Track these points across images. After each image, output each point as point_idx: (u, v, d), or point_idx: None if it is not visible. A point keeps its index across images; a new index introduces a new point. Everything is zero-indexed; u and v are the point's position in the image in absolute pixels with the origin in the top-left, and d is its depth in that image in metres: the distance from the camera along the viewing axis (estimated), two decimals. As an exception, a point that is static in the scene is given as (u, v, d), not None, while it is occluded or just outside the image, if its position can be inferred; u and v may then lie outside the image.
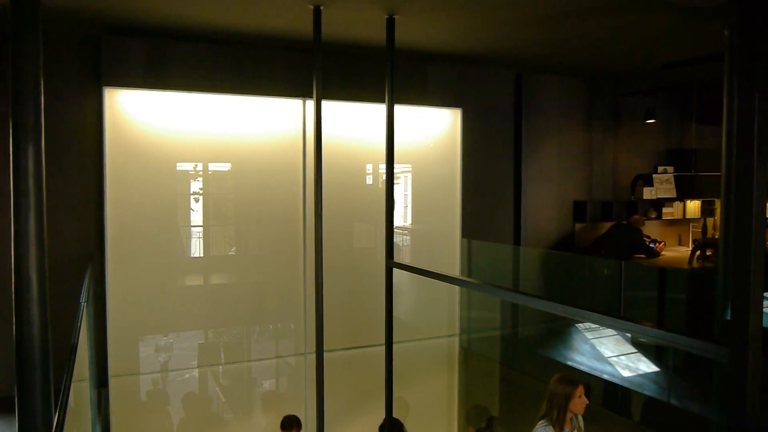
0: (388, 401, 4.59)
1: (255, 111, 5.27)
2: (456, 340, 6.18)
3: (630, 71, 7.05)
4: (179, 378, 5.18)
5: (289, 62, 5.40)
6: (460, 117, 6.06)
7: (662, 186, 7.96)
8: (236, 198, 5.30)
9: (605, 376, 4.82)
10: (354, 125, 5.61)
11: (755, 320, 1.80)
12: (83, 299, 3.67)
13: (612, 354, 4.96)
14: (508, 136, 6.72)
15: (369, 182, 5.76)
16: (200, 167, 5.20)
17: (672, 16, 4.64)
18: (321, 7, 4.23)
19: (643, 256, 7.29)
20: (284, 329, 5.51)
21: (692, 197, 8.18)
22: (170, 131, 5.00)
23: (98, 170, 4.80)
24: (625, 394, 4.80)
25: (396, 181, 5.85)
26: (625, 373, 4.79)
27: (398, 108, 4.94)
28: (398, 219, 5.97)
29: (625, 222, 7.48)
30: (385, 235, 4.54)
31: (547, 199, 7.05)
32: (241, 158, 5.25)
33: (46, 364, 1.66)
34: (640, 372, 4.76)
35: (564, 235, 7.22)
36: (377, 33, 4.57)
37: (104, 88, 4.75)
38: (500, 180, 6.68)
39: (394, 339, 4.50)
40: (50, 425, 1.67)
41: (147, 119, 4.92)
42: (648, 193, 7.83)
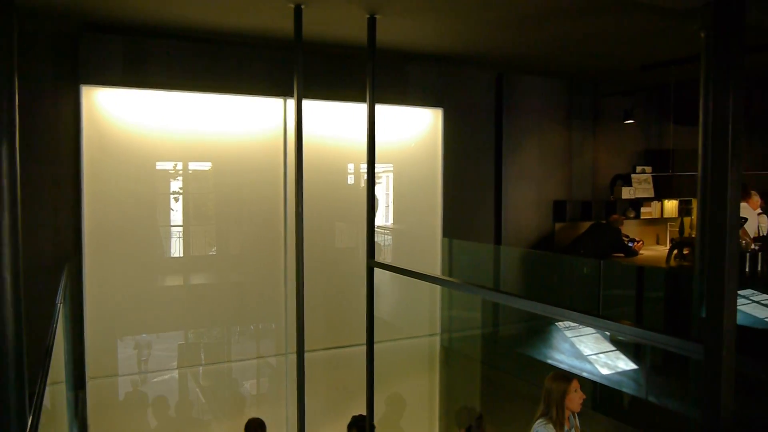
0: (369, 401, 4.59)
1: (235, 110, 5.23)
2: (437, 340, 6.20)
3: (609, 72, 7.13)
4: (159, 379, 5.13)
5: (270, 61, 5.37)
6: (441, 117, 6.08)
7: (640, 186, 8.06)
8: (217, 197, 5.26)
9: (584, 374, 4.86)
10: (335, 125, 5.60)
11: (729, 318, 1.83)
12: (59, 300, 3.62)
13: (591, 352, 5.01)
14: (489, 136, 6.76)
15: (350, 182, 5.76)
16: (180, 166, 5.15)
17: (650, 19, 4.70)
18: (302, 6, 4.21)
19: (622, 255, 7.37)
20: (265, 329, 5.48)
21: (670, 197, 8.29)
22: (149, 130, 4.95)
23: (75, 169, 4.73)
24: (605, 392, 4.85)
25: (377, 181, 5.85)
26: (604, 371, 4.84)
27: (379, 108, 4.94)
28: (379, 218, 5.97)
29: (604, 221, 7.56)
30: (367, 235, 4.53)
31: (528, 199, 7.10)
32: (222, 157, 5.21)
33: (21, 366, 1.64)
34: (619, 369, 4.81)
35: (544, 235, 7.28)
36: (358, 32, 4.57)
37: (82, 86, 4.69)
38: (481, 180, 6.71)
39: (376, 339, 4.50)
40: (24, 428, 1.64)
41: (126, 117, 4.87)
42: (627, 193, 7.92)
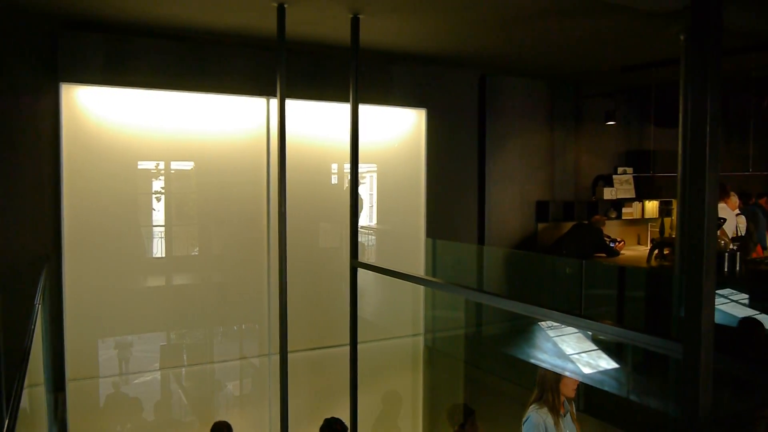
0: (353, 401, 4.58)
1: (218, 109, 5.20)
2: (421, 340, 6.21)
3: (591, 74, 7.19)
4: (140, 381, 5.08)
5: (253, 60, 5.34)
6: (425, 117, 6.09)
7: (622, 186, 8.14)
8: (199, 197, 5.22)
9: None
10: (318, 124, 5.58)
11: (707, 317, 1.85)
12: (38, 300, 3.57)
13: (573, 351, 5.05)
14: (472, 137, 6.78)
15: (334, 182, 5.74)
16: (162, 166, 5.10)
17: (631, 21, 4.75)
18: (285, 6, 4.19)
19: (604, 255, 7.43)
20: (248, 330, 5.45)
21: (650, 197, 8.39)
22: (131, 129, 4.89)
23: (55, 168, 4.67)
24: (587, 391, 4.89)
25: (361, 181, 5.84)
26: (586, 370, 4.88)
27: (363, 108, 4.94)
28: (363, 219, 5.97)
29: (587, 222, 7.63)
30: (350, 235, 4.53)
31: (511, 199, 7.14)
32: (204, 157, 5.17)
33: (-3, 368, 1.61)
34: (601, 369, 4.85)
35: (527, 235, 7.33)
36: (342, 32, 4.56)
37: (61, 84, 4.62)
38: (464, 180, 6.73)
39: (359, 339, 4.50)
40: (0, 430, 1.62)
41: (107, 116, 4.81)
42: (608, 194, 8.00)
